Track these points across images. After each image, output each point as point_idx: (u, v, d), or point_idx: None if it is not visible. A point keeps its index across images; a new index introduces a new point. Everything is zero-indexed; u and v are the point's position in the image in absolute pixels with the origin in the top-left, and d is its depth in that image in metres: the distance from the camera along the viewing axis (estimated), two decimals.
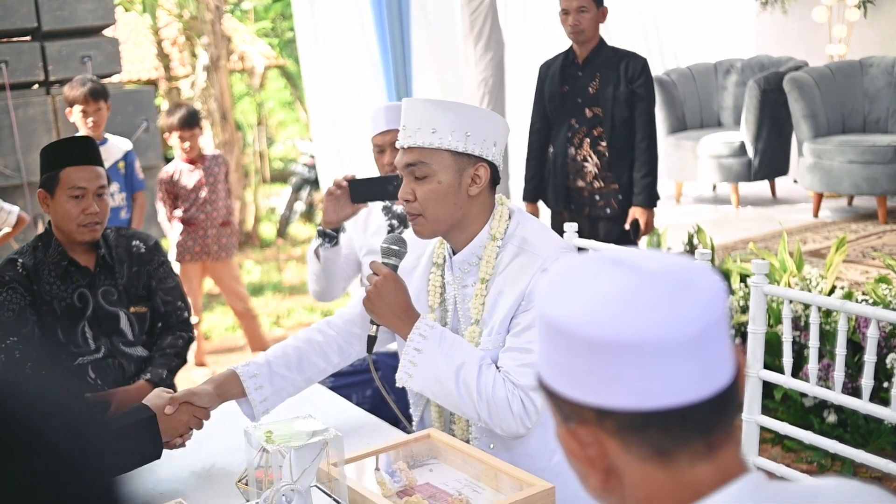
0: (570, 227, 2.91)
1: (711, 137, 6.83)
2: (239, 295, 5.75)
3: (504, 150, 2.25)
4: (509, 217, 2.23)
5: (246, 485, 1.92)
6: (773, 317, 4.04)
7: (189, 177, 5.44)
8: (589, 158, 4.46)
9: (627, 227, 4.41)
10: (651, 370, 0.87)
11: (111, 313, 2.84)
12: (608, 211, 4.48)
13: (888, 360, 3.74)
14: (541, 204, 4.73)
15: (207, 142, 9.70)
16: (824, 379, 3.76)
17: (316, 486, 1.91)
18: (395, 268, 2.23)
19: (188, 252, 5.48)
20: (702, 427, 0.90)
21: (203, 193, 5.44)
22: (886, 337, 3.81)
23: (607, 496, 0.95)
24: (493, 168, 2.18)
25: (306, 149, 11.31)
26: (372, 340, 2.27)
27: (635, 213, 4.40)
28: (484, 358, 2.11)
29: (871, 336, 2.36)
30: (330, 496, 1.86)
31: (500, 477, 1.94)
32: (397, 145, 2.19)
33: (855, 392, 3.28)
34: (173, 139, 5.42)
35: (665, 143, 7.05)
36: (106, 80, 6.77)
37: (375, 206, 3.43)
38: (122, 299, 2.86)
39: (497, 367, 2.10)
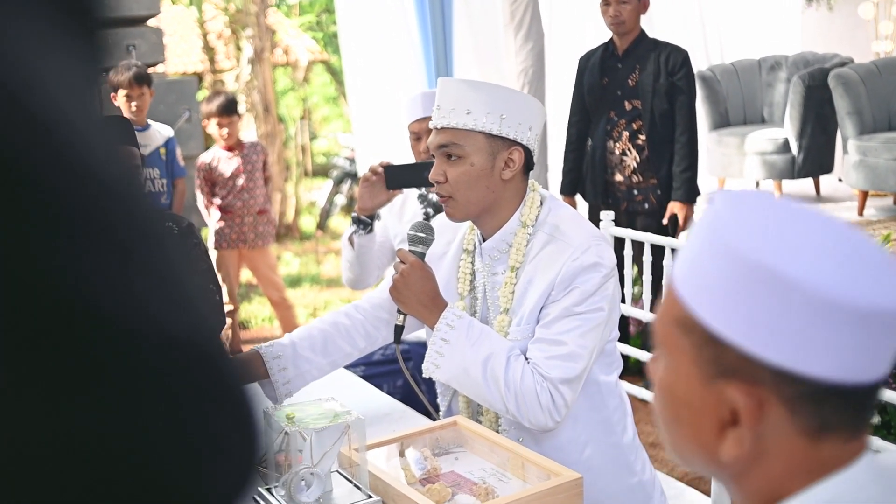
0: (607, 217, 2.87)
1: (755, 134, 6.74)
2: (275, 284, 5.76)
3: (540, 135, 2.21)
4: (541, 204, 2.19)
5: (265, 468, 1.91)
6: None
7: (227, 164, 5.46)
8: (628, 152, 4.41)
9: (665, 222, 4.36)
10: (868, 342, 0.80)
11: None
12: (646, 206, 4.43)
13: None
14: (578, 198, 4.68)
15: (250, 134, 9.75)
16: None
17: (337, 471, 1.89)
18: (422, 255, 2.19)
19: (225, 239, 5.50)
20: (865, 408, 0.85)
21: (241, 181, 5.46)
22: None
23: (726, 467, 0.87)
24: (528, 153, 2.14)
25: (348, 142, 11.33)
26: (399, 330, 2.23)
27: (674, 207, 4.34)
28: (513, 349, 2.06)
29: None
30: (350, 481, 1.84)
31: (528, 467, 1.90)
32: (430, 125, 2.14)
33: None
34: (212, 126, 5.45)
35: (707, 139, 6.96)
36: (150, 70, 6.83)
37: (411, 194, 3.40)
38: None
39: (526, 358, 2.07)
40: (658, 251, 2.71)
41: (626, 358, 4.67)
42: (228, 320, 5.62)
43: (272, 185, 5.95)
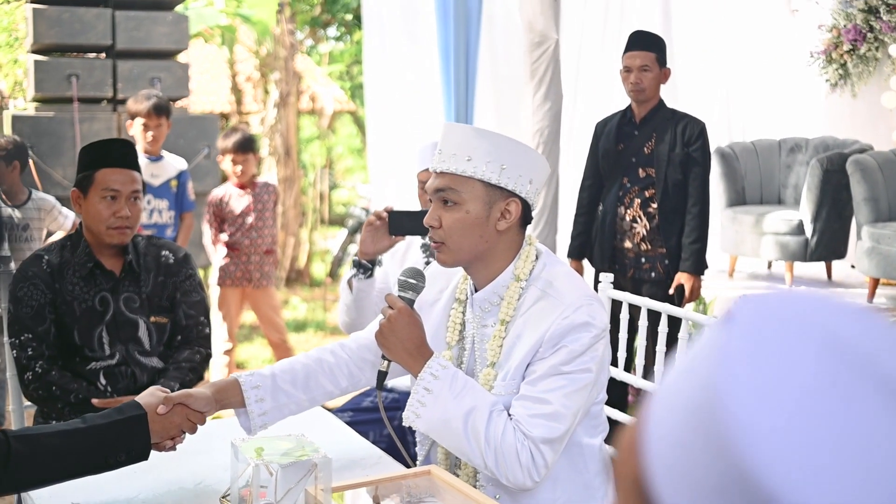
0: (606, 278, 2.84)
1: (771, 214, 6.71)
2: (276, 326, 5.73)
3: (541, 190, 2.19)
4: (536, 258, 2.16)
5: (229, 501, 1.86)
6: None
7: (238, 201, 5.47)
8: (639, 219, 4.38)
9: (671, 292, 4.32)
10: None
11: (131, 320, 2.82)
12: (653, 275, 4.39)
13: None
14: (585, 263, 4.65)
15: (271, 177, 9.80)
16: None
17: None
18: (411, 302, 2.15)
19: (229, 277, 5.49)
20: None
21: (250, 219, 5.45)
22: None
23: None
24: (526, 206, 2.12)
25: (366, 193, 11.37)
26: (382, 376, 2.18)
27: (681, 278, 4.30)
28: (496, 404, 2.02)
29: None
30: None
31: None
32: (430, 168, 2.13)
33: None
34: (226, 162, 5.46)
35: (722, 216, 6.94)
36: (174, 104, 6.89)
37: (415, 243, 3.39)
38: (144, 308, 2.84)
39: (509, 415, 2.02)
40: (655, 317, 2.68)
41: (615, 424, 4.63)
42: (226, 358, 5.60)
43: (288, 232, 5.96)
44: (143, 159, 4.88)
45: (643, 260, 4.40)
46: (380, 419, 3.19)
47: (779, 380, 0.54)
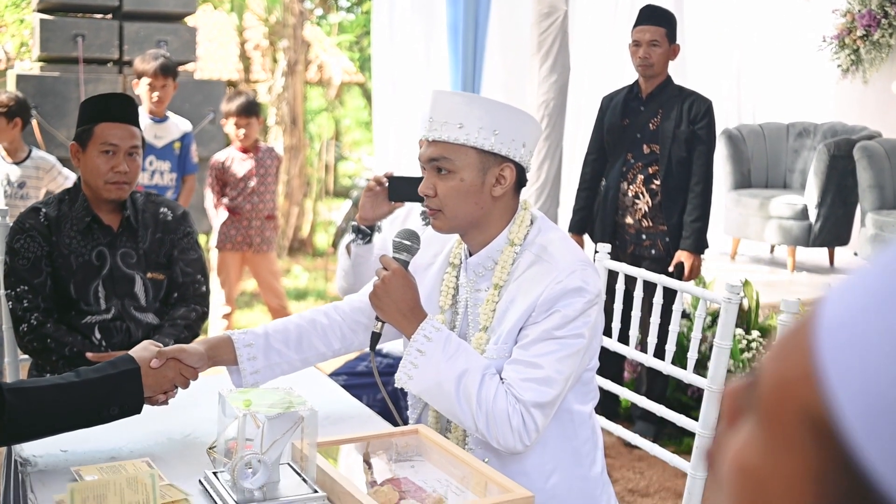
0: (603, 248, 2.82)
1: (776, 198, 6.69)
2: (275, 291, 5.73)
3: (534, 152, 2.17)
4: (531, 223, 2.15)
5: (216, 453, 1.87)
6: None
7: (240, 165, 5.45)
8: (641, 195, 4.37)
9: (671, 269, 4.31)
10: None
11: (127, 276, 2.82)
12: (653, 252, 4.38)
13: None
14: (586, 238, 4.64)
15: (277, 146, 9.79)
16: None
17: (288, 463, 1.85)
18: (405, 264, 2.14)
19: (230, 241, 5.48)
20: None
21: (252, 183, 5.44)
22: None
23: None
24: (520, 170, 2.11)
25: (372, 165, 11.36)
26: (375, 337, 2.18)
27: (681, 256, 4.29)
28: (488, 367, 2.02)
29: None
30: (299, 474, 1.79)
31: (489, 486, 1.85)
32: (421, 137, 2.11)
33: None
34: (229, 126, 5.44)
35: (726, 198, 6.92)
36: (180, 68, 6.88)
37: (414, 210, 3.37)
38: (141, 263, 2.84)
39: (501, 379, 2.02)
40: (651, 289, 2.67)
41: (618, 401, 4.63)
42: (225, 322, 5.61)
43: (292, 203, 5.95)
44: (147, 120, 4.87)
45: (644, 237, 4.39)
46: (373, 383, 3.20)
47: None
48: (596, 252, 2.86)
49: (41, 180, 4.72)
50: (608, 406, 4.40)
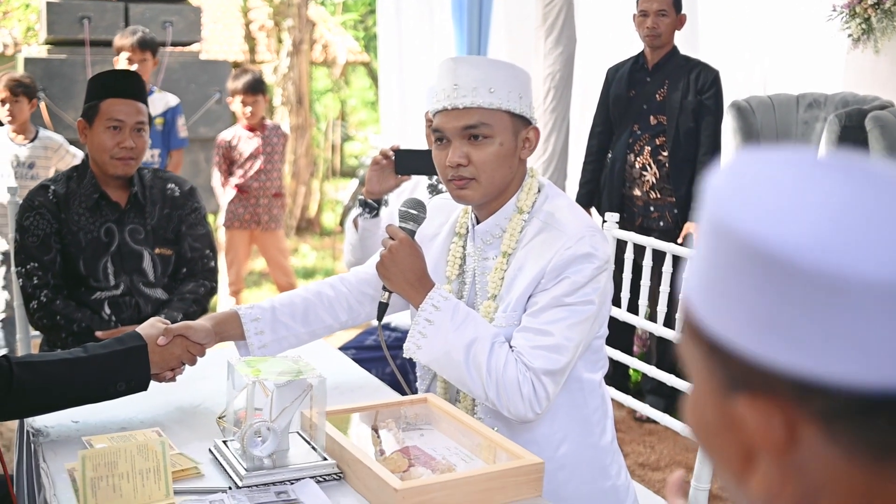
0: (611, 217, 2.81)
1: None
2: (283, 269, 5.74)
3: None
4: (538, 191, 2.14)
5: (225, 422, 1.87)
6: None
7: (247, 143, 5.45)
8: (648, 167, 4.35)
9: (680, 241, 4.29)
10: None
11: (135, 251, 2.82)
12: (661, 224, 4.36)
13: None
14: (594, 211, 4.63)
15: (284, 127, 9.79)
16: None
17: (297, 432, 1.85)
18: (412, 233, 2.13)
19: (237, 219, 5.49)
20: None
21: (259, 162, 5.44)
22: None
23: (778, 500, 0.66)
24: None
25: (379, 144, 11.35)
26: (383, 307, 2.16)
27: (690, 227, 4.27)
28: (497, 335, 2.00)
29: None
30: (308, 442, 1.79)
31: (499, 453, 1.84)
32: (447, 105, 2.05)
33: None
34: (236, 103, 5.44)
35: None
36: (185, 49, 6.86)
37: (421, 183, 3.36)
38: (149, 239, 2.85)
39: (510, 347, 2.01)
40: (660, 258, 2.66)
41: (627, 376, 4.62)
42: (233, 300, 5.62)
43: (299, 182, 5.96)
44: None
45: (652, 208, 4.37)
46: (382, 357, 3.19)
47: (765, 174, 0.66)
48: (604, 222, 2.85)
49: (50, 160, 4.73)
50: (618, 380, 4.39)
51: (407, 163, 3.02)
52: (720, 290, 0.65)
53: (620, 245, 2.78)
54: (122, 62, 4.87)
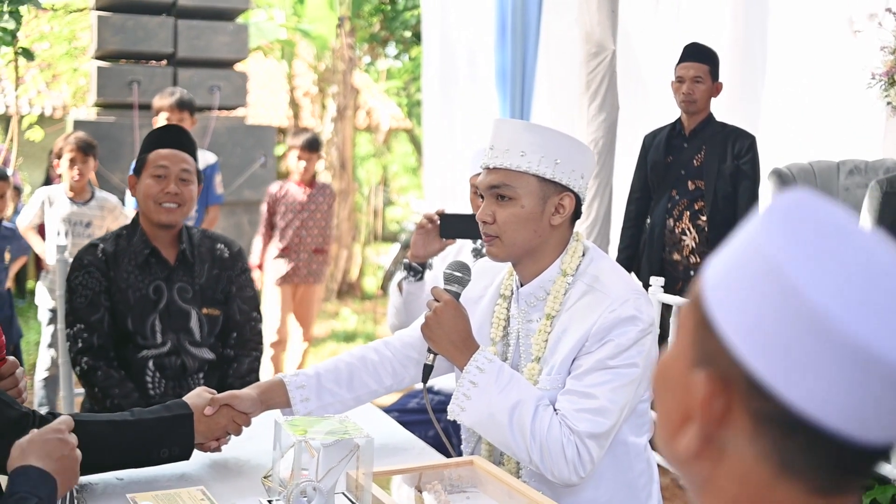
0: (656, 282, 2.81)
1: None
2: (305, 320, 5.82)
3: (588, 184, 2.18)
4: (583, 254, 2.15)
5: (271, 482, 1.87)
6: None
7: (292, 197, 5.64)
8: (688, 232, 4.35)
9: None
10: (869, 392, 0.71)
11: (183, 310, 2.86)
12: None
13: None
14: (633, 276, 4.62)
15: None
16: None
17: (343, 493, 1.85)
18: (457, 295, 2.15)
19: (279, 275, 5.60)
20: (845, 467, 0.75)
21: (303, 216, 5.57)
22: None
23: (691, 466, 0.80)
24: (578, 200, 2.11)
25: (421, 209, 11.43)
26: (427, 370, 2.18)
27: None
28: (542, 398, 2.01)
29: None
30: (354, 503, 1.80)
31: None
32: (481, 165, 2.11)
33: None
34: (291, 158, 5.61)
35: None
36: (231, 113, 7.00)
37: (466, 247, 3.38)
38: (197, 298, 2.88)
39: (554, 409, 2.01)
40: None
41: None
42: (272, 351, 5.66)
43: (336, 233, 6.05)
44: None
45: (692, 273, 4.36)
46: (426, 420, 3.19)
47: (814, 225, 0.75)
48: (649, 286, 2.85)
49: (105, 220, 4.85)
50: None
51: (452, 226, 3.04)
52: (735, 289, 0.76)
53: (665, 309, 2.77)
54: (160, 122, 4.99)
